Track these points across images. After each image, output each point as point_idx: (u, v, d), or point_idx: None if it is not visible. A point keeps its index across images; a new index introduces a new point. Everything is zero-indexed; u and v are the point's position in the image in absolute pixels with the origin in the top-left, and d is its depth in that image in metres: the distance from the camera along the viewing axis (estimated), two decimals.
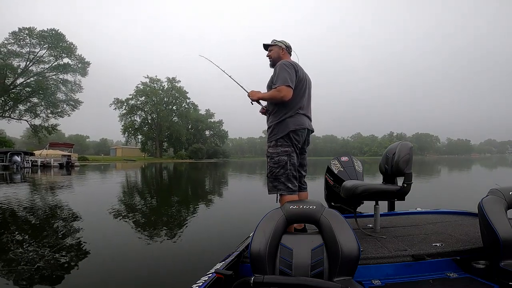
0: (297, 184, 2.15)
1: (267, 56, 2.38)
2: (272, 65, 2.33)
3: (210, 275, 1.37)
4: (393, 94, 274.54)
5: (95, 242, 3.73)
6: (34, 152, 25.88)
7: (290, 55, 2.40)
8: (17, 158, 21.59)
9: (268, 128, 2.22)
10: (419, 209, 2.94)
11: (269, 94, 2.15)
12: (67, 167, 23.60)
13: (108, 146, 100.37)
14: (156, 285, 2.49)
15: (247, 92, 2.33)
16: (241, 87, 2.49)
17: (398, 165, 2.21)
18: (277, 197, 2.11)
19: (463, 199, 6.63)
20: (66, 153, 26.65)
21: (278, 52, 2.32)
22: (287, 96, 2.03)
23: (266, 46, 2.39)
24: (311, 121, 2.29)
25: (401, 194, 2.17)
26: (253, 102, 2.36)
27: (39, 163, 22.71)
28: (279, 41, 2.35)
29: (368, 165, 22.69)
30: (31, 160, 22.76)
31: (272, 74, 2.21)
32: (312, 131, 2.31)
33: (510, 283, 1.36)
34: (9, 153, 21.95)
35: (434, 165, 30.13)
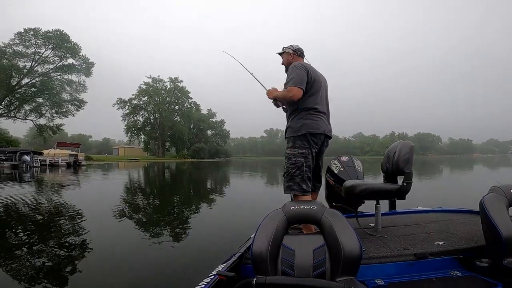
0: (310, 185, 2.20)
1: (281, 64, 2.51)
2: (286, 70, 2.43)
3: (212, 276, 1.39)
4: (394, 94, 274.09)
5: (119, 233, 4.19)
6: (42, 151, 26.43)
7: (302, 57, 2.44)
8: (27, 158, 22.07)
9: (287, 128, 2.30)
10: (420, 208, 2.95)
11: (281, 93, 2.25)
12: (74, 166, 24.13)
13: (110, 146, 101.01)
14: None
15: (266, 90, 2.39)
16: (262, 85, 2.53)
17: (398, 163, 2.21)
18: (291, 196, 2.20)
19: (463, 197, 6.71)
20: (73, 152, 27.22)
21: (287, 58, 2.42)
22: (296, 96, 2.11)
23: (280, 54, 2.51)
24: (329, 123, 2.32)
25: (401, 193, 2.18)
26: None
27: (47, 163, 23.24)
28: (287, 47, 2.45)
29: (369, 165, 23.00)
30: (39, 160, 23.28)
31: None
32: (330, 137, 2.32)
33: None
34: (18, 153, 22.45)
35: (435, 164, 30.36)
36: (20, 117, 39.74)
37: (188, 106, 69.43)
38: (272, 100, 2.43)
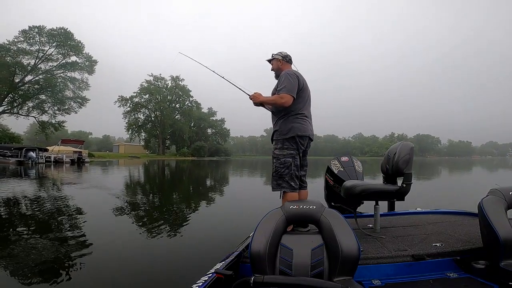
0: (298, 183, 2.34)
1: (271, 70, 2.62)
2: (276, 76, 2.55)
3: (210, 275, 1.38)
4: (394, 95, 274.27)
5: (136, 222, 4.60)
6: (47, 148, 26.83)
7: (290, 63, 2.55)
8: (32, 154, 22.47)
9: (275, 131, 2.41)
10: (419, 209, 2.96)
11: (272, 98, 2.36)
12: (78, 163, 24.51)
13: (110, 143, 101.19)
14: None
15: (249, 95, 2.45)
16: (242, 90, 2.56)
17: (398, 165, 2.21)
18: (280, 194, 2.32)
19: (462, 199, 6.82)
20: (77, 149, 27.64)
21: (277, 64, 2.54)
22: (288, 102, 2.24)
23: (269, 61, 2.61)
24: (312, 126, 2.46)
25: (401, 194, 2.18)
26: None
27: (52, 159, 23.62)
28: (276, 54, 2.56)
29: (369, 165, 23.34)
30: (44, 156, 23.66)
31: (276, 83, 2.42)
32: (312, 140, 2.48)
33: (510, 283, 1.36)
34: (24, 149, 22.84)
35: (434, 166, 30.62)
36: (22, 114, 40.13)
37: (189, 104, 69.76)
38: (253, 103, 2.47)
